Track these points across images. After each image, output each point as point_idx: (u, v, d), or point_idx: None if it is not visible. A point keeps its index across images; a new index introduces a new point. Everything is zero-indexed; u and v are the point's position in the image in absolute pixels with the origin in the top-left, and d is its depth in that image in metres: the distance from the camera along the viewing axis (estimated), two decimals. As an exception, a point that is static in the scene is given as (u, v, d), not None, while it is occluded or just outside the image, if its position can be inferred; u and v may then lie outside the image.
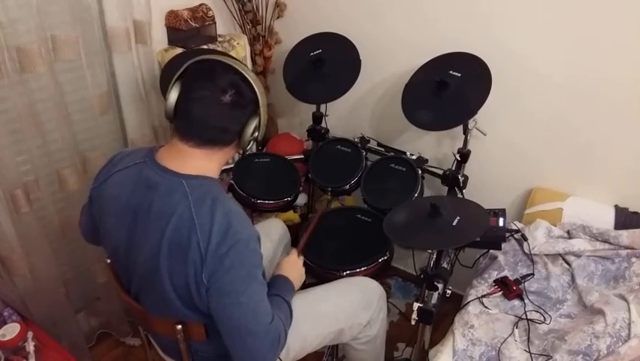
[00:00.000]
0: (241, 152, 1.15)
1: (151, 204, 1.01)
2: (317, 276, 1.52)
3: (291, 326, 1.27)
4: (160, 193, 1.01)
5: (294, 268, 1.30)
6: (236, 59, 1.10)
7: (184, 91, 1.03)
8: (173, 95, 1.04)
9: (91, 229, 1.21)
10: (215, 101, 1.00)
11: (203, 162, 1.05)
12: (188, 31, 1.75)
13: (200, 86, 1.01)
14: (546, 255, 1.53)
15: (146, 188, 1.03)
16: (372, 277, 1.47)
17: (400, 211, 1.42)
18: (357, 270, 1.47)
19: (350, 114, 2.09)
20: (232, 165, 1.78)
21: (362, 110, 2.05)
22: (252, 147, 2.20)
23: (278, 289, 1.19)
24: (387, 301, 1.57)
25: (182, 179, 1.02)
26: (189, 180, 1.02)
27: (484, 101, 1.49)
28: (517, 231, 1.59)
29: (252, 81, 1.04)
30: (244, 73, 1.03)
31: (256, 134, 1.09)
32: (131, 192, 1.06)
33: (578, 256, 1.51)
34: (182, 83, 1.04)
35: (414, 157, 1.74)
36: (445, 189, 1.70)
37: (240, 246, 0.99)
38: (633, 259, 1.45)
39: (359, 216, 1.67)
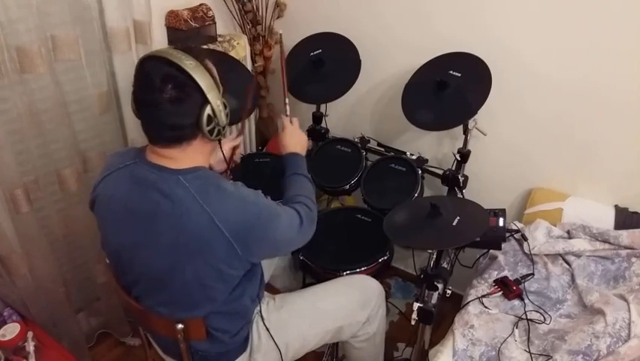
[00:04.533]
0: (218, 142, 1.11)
1: (154, 204, 1.01)
2: (317, 276, 1.52)
3: (291, 324, 1.29)
4: (162, 193, 1.01)
5: (292, 138, 1.39)
6: (185, 48, 1.02)
7: (133, 98, 1.02)
8: (133, 103, 1.03)
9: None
10: (159, 101, 0.96)
11: (185, 158, 1.04)
12: (188, 32, 1.75)
13: (141, 91, 0.99)
14: (546, 255, 1.53)
15: (145, 188, 1.03)
16: (372, 277, 1.47)
17: (400, 211, 1.42)
18: (357, 270, 1.47)
19: (350, 114, 2.09)
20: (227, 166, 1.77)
21: (362, 110, 2.05)
22: (252, 145, 2.20)
23: (291, 168, 1.33)
24: (387, 301, 1.57)
25: (177, 175, 1.02)
26: (184, 174, 1.02)
27: (484, 101, 1.49)
28: (517, 231, 1.59)
29: (188, 69, 0.95)
30: (179, 62, 0.95)
31: (214, 121, 1.02)
32: (128, 193, 1.05)
33: (578, 256, 1.51)
34: (133, 90, 1.02)
35: (414, 157, 1.74)
36: (445, 189, 1.70)
37: (263, 215, 1.06)
38: (633, 259, 1.45)
39: (359, 216, 1.67)
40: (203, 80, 0.98)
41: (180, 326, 1.09)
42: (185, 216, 1.00)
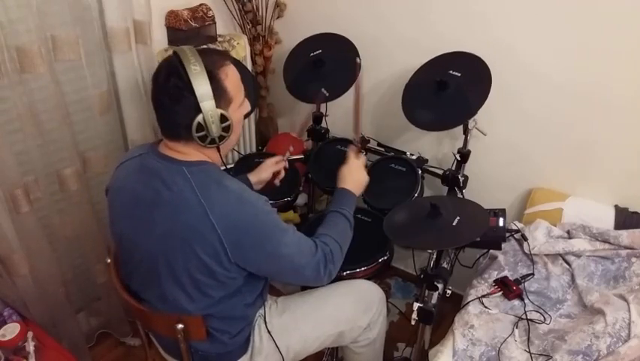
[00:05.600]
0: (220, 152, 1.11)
1: (155, 192, 1.04)
2: (317, 276, 1.52)
3: (292, 328, 1.28)
4: (164, 181, 1.03)
5: (352, 174, 1.36)
6: (203, 50, 1.04)
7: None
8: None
9: None
10: (160, 95, 1.02)
11: (193, 152, 1.07)
12: (188, 32, 1.75)
13: (153, 85, 1.04)
14: (546, 255, 1.53)
15: (149, 176, 1.06)
16: (372, 277, 1.47)
17: (400, 211, 1.42)
18: (357, 270, 1.47)
19: (350, 114, 2.08)
20: (232, 165, 1.78)
21: (362, 110, 2.05)
22: (252, 145, 2.20)
23: (337, 204, 1.28)
24: (387, 302, 1.57)
25: (182, 165, 1.04)
26: (189, 166, 1.04)
27: (484, 101, 1.49)
28: (517, 231, 1.59)
29: (190, 74, 0.98)
30: (185, 66, 0.98)
31: (204, 131, 1.01)
32: (135, 181, 1.09)
33: (578, 256, 1.51)
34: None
35: (414, 157, 1.74)
36: (445, 189, 1.70)
37: (259, 219, 1.05)
38: (633, 259, 1.45)
39: (359, 216, 1.66)
40: (201, 88, 0.98)
41: (180, 325, 1.10)
42: (181, 207, 1.01)
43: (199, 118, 1.00)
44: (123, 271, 1.19)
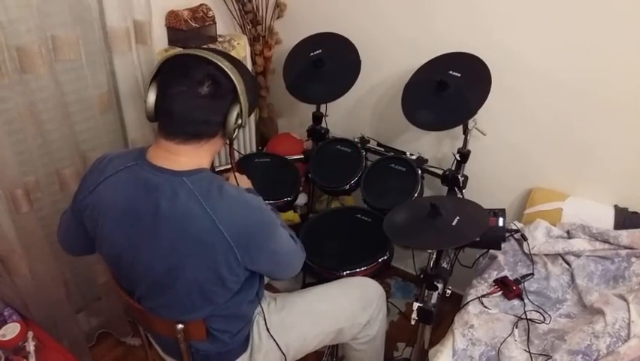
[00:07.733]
0: (228, 142, 1.14)
1: (157, 207, 1.00)
2: (317, 276, 1.52)
3: (292, 326, 1.30)
4: (164, 195, 1.00)
5: (243, 180, 1.39)
6: (215, 50, 1.10)
7: (161, 90, 1.03)
8: (151, 95, 1.04)
9: (82, 240, 1.16)
10: (194, 95, 1.00)
11: (194, 158, 1.05)
12: (188, 32, 1.75)
13: (176, 83, 1.00)
14: (546, 255, 1.54)
15: (148, 191, 1.02)
16: (372, 277, 1.47)
17: (400, 211, 1.42)
18: (357, 270, 1.47)
19: (350, 114, 2.09)
20: (231, 165, 1.77)
21: (362, 110, 2.05)
22: (252, 146, 2.20)
23: None
24: (387, 301, 1.57)
25: (182, 177, 1.02)
26: (189, 176, 1.02)
27: (484, 101, 1.49)
28: (517, 231, 1.60)
29: (227, 70, 1.02)
30: (218, 62, 1.02)
31: (239, 121, 1.08)
32: (130, 196, 1.04)
33: (577, 256, 1.51)
34: (159, 82, 1.03)
35: (414, 157, 1.74)
36: (445, 189, 1.70)
37: (264, 221, 1.07)
38: (633, 259, 1.45)
39: (359, 216, 1.67)
40: (239, 82, 1.04)
41: (180, 326, 1.10)
42: (187, 219, 0.99)
43: (237, 109, 1.05)
44: (124, 285, 1.16)
